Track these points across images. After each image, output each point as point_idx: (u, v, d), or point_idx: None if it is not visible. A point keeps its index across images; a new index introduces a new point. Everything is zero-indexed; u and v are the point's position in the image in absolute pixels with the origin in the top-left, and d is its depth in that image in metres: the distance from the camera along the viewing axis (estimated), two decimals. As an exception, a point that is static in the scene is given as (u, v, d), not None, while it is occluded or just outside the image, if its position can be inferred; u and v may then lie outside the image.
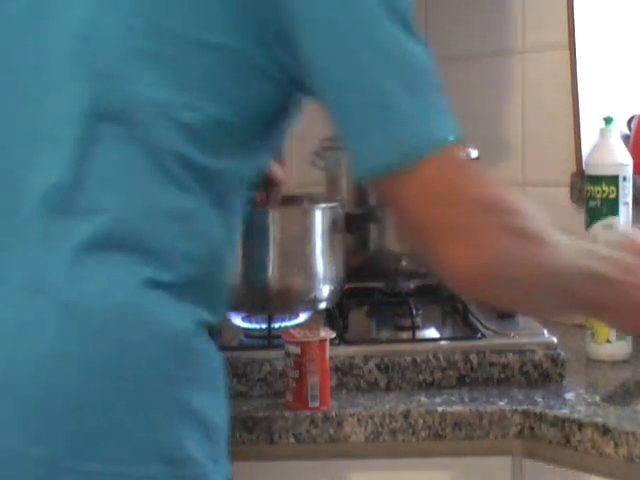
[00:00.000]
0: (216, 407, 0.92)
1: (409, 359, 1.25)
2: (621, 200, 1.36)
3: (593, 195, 1.37)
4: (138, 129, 0.88)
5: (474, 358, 1.25)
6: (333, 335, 1.19)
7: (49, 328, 0.84)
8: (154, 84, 0.88)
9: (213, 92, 0.90)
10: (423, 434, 1.15)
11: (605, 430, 1.08)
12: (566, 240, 0.96)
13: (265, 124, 0.96)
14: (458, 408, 1.16)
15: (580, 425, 1.10)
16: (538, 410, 1.14)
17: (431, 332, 1.39)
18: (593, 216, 1.37)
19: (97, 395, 0.84)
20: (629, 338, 1.38)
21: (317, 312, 1.36)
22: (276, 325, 1.31)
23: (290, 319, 1.33)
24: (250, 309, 1.33)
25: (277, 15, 0.88)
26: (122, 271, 0.87)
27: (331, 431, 1.15)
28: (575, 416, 1.11)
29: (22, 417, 0.83)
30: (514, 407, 1.16)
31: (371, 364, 1.25)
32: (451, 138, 0.90)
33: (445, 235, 0.88)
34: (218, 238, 0.94)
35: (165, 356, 0.87)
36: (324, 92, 0.90)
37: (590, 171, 1.39)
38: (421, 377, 1.25)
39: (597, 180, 1.37)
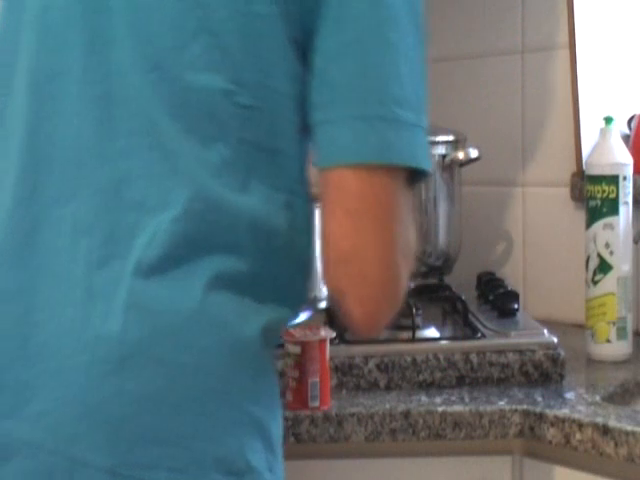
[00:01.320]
0: (274, 416, 0.91)
1: (409, 359, 1.25)
2: (621, 200, 1.36)
3: (593, 195, 1.37)
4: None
5: (474, 358, 1.25)
6: (333, 335, 1.19)
7: (119, 332, 0.83)
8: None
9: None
10: (423, 434, 1.15)
11: (605, 430, 1.08)
12: None
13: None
14: (458, 408, 1.16)
15: (580, 425, 1.10)
16: (538, 410, 1.14)
17: (431, 332, 1.39)
18: (593, 216, 1.37)
19: (162, 401, 0.83)
20: (629, 338, 1.38)
21: (317, 311, 1.36)
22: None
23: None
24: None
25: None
26: (189, 271, 0.85)
27: (331, 431, 1.15)
28: (575, 416, 1.11)
29: (86, 423, 0.82)
30: (514, 407, 1.16)
31: (371, 364, 1.25)
32: (424, 167, 0.86)
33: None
34: (296, 223, 0.90)
35: (231, 363, 0.85)
36: (324, 74, 0.86)
37: (590, 171, 1.39)
38: (421, 377, 1.25)
39: (597, 180, 1.37)
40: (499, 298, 1.45)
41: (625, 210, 1.37)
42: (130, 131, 0.86)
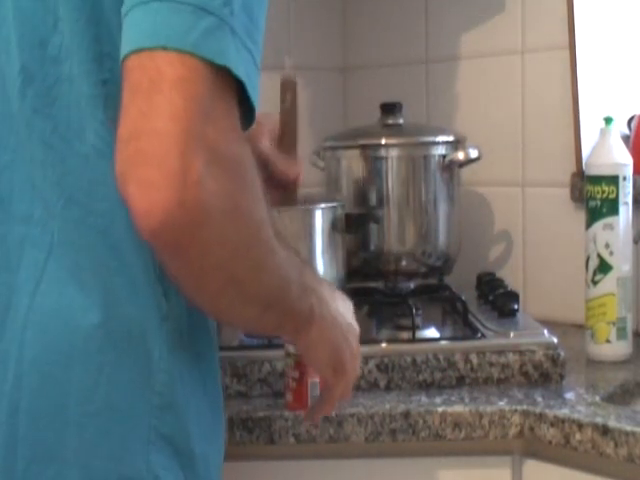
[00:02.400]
0: (198, 430, 0.87)
1: (409, 359, 1.25)
2: (621, 200, 1.36)
3: (593, 195, 1.37)
4: None
5: (474, 358, 1.25)
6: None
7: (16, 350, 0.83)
8: None
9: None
10: (423, 434, 1.15)
11: (605, 430, 1.08)
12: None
13: None
14: (458, 408, 1.16)
15: (580, 425, 1.10)
16: (538, 410, 1.14)
17: (431, 332, 1.39)
18: (593, 216, 1.37)
19: (58, 418, 0.81)
20: (629, 338, 1.38)
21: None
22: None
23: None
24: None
25: None
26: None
27: (331, 431, 1.15)
28: (575, 416, 1.11)
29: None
30: (514, 407, 1.16)
31: (371, 364, 1.25)
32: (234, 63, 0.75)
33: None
34: None
35: (132, 378, 0.83)
36: None
37: (590, 171, 1.39)
38: (421, 377, 1.25)
39: (597, 180, 1.37)
40: (499, 298, 1.45)
41: (625, 210, 1.37)
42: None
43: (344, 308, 0.99)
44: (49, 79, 0.83)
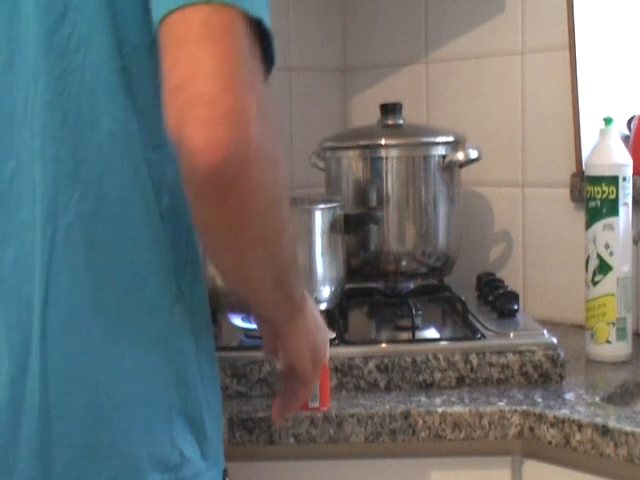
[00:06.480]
0: (206, 401, 0.90)
1: (409, 359, 1.25)
2: (621, 200, 1.36)
3: (593, 195, 1.37)
4: None
5: (474, 359, 1.25)
6: (333, 335, 1.19)
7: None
8: None
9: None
10: (423, 434, 1.15)
11: (605, 430, 1.08)
12: None
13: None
14: (458, 408, 1.16)
15: (580, 425, 1.10)
16: (538, 410, 1.14)
17: (431, 332, 1.39)
18: (593, 216, 1.38)
19: (87, 416, 0.83)
20: (629, 339, 1.38)
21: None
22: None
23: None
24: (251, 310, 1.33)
25: None
26: None
27: (331, 431, 1.15)
28: (575, 416, 1.11)
29: (14, 456, 0.83)
30: (514, 407, 1.16)
31: (371, 364, 1.25)
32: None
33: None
34: None
35: (147, 361, 0.86)
36: None
37: (590, 171, 1.39)
38: (421, 377, 1.25)
39: (597, 180, 1.37)
40: (499, 299, 1.46)
41: (625, 211, 1.37)
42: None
43: (317, 310, 1.02)
44: (56, 70, 0.84)
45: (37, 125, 0.85)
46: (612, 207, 1.36)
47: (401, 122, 1.57)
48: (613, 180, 1.36)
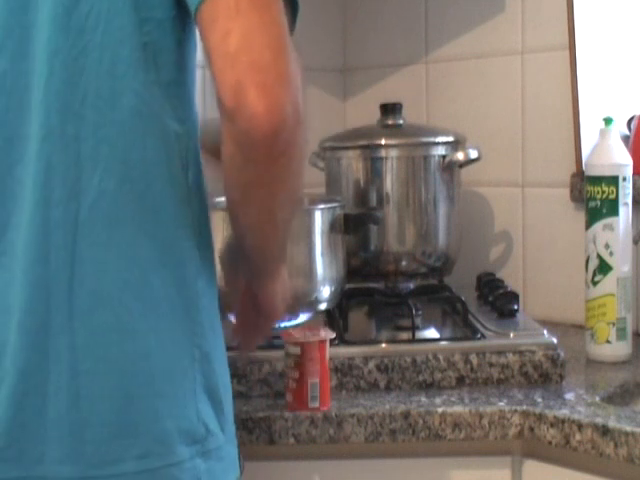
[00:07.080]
0: (221, 373, 0.93)
1: (409, 359, 1.25)
2: (621, 200, 1.36)
3: (593, 195, 1.37)
4: None
5: (474, 359, 1.25)
6: (333, 335, 1.19)
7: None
8: None
9: None
10: (423, 434, 1.15)
11: (605, 430, 1.08)
12: None
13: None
14: (458, 408, 1.16)
15: (580, 425, 1.10)
16: (538, 410, 1.14)
17: (431, 332, 1.39)
18: (593, 216, 1.38)
19: (116, 396, 0.84)
20: (629, 339, 1.38)
21: (317, 313, 1.36)
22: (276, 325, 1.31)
23: (290, 320, 1.33)
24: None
25: None
26: None
27: (331, 431, 1.15)
28: (575, 416, 1.11)
29: (43, 439, 0.84)
30: (514, 407, 1.16)
31: (371, 364, 1.25)
32: None
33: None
34: None
35: (176, 337, 0.88)
36: None
37: (590, 171, 1.39)
38: (421, 377, 1.25)
39: (597, 180, 1.37)
40: (499, 299, 1.46)
41: (625, 211, 1.37)
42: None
43: None
44: (74, 50, 0.85)
45: (55, 106, 0.85)
46: (612, 207, 1.36)
47: (401, 122, 1.57)
48: (613, 180, 1.36)
